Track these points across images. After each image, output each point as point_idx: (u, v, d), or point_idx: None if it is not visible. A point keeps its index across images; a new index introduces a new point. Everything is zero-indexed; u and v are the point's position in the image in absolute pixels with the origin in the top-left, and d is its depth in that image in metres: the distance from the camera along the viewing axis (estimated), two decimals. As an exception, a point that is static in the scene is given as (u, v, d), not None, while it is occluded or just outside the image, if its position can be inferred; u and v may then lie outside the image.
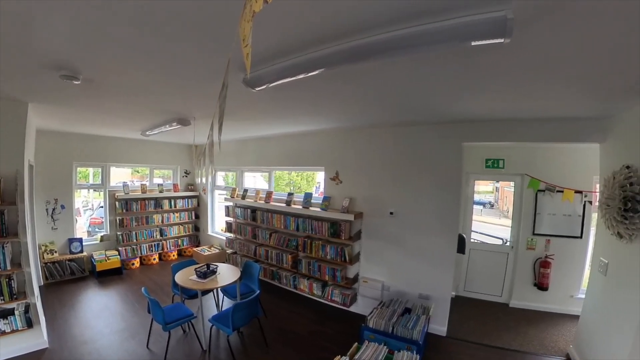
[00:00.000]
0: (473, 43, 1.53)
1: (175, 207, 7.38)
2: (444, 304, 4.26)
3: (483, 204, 13.09)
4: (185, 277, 4.07)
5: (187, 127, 4.45)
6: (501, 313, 5.06)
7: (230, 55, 1.30)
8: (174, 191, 7.50)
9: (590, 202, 4.90)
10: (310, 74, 2.07)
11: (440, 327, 4.28)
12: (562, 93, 2.79)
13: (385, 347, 3.05)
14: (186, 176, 7.98)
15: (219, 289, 4.31)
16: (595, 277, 3.84)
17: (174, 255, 7.31)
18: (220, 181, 7.91)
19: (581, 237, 4.99)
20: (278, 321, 4.50)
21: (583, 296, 4.26)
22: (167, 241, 7.21)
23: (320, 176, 5.77)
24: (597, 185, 4.13)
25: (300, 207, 5.14)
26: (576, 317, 4.34)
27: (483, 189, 12.42)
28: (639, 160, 3.06)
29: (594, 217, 4.58)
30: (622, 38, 1.66)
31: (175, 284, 4.19)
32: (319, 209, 4.91)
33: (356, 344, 3.07)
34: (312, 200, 5.14)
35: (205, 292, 4.19)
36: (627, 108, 3.16)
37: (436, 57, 2.01)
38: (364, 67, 2.19)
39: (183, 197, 7.61)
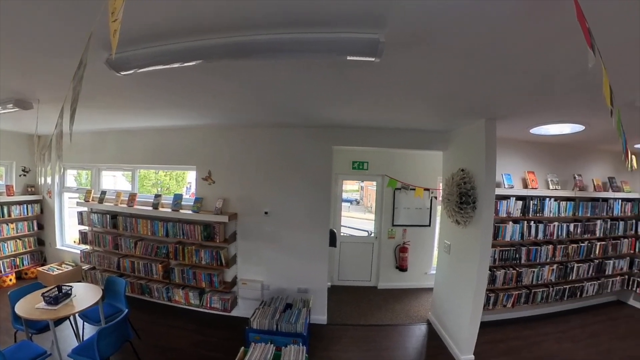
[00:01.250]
0: (349, 57, 1.71)
1: (9, 215, 5.78)
2: (322, 294, 4.51)
3: (350, 202, 14.31)
4: (30, 305, 3.28)
5: (28, 111, 3.40)
6: (372, 295, 5.62)
7: (93, 28, 1.02)
8: (8, 195, 5.83)
9: (436, 197, 5.92)
10: (186, 64, 1.86)
11: (320, 316, 4.51)
12: (418, 110, 3.27)
13: (272, 345, 3.05)
14: (25, 175, 6.33)
15: (76, 315, 3.57)
16: (442, 256, 4.58)
17: (11, 280, 5.70)
18: (71, 181, 6.63)
19: (429, 225, 6.04)
20: (155, 340, 4.02)
21: (434, 272, 5.05)
22: (1, 262, 5.66)
23: (191, 176, 5.35)
24: (441, 184, 4.95)
25: (170, 210, 4.68)
26: (430, 289, 5.13)
27: (350, 187, 13.51)
28: (470, 164, 3.82)
29: (439, 209, 5.42)
30: (465, 71, 2.10)
31: (16, 317, 3.29)
32: (190, 212, 4.56)
33: (243, 348, 3.00)
34: (182, 202, 4.71)
35: (59, 321, 3.45)
36: (463, 125, 3.92)
37: (316, 65, 2.09)
38: (244, 65, 2.10)
39: (20, 203, 5.99)
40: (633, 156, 1.73)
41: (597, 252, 5.29)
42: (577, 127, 3.69)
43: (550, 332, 4.55)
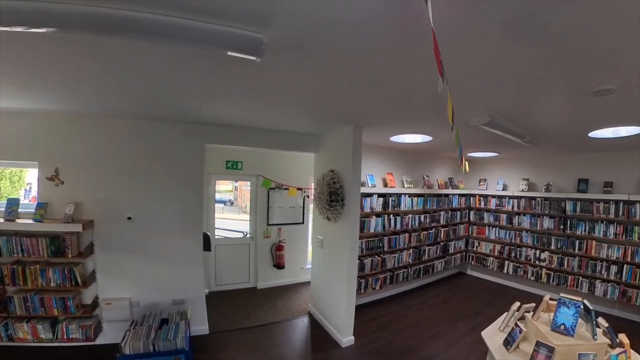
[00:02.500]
0: (229, 53, 1.63)
1: None
2: (200, 303, 4.26)
3: (224, 202, 13.78)
4: None
5: None
6: (252, 296, 5.62)
7: None
8: None
9: (308, 196, 6.31)
10: (34, 30, 1.44)
11: (201, 326, 4.26)
12: (294, 113, 3.39)
13: (151, 368, 2.78)
14: None
15: None
16: (316, 250, 4.89)
17: None
18: None
19: (303, 222, 6.40)
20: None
21: (310, 266, 5.41)
22: None
23: (32, 175, 4.43)
24: (312, 184, 5.33)
25: (2, 220, 3.73)
26: (308, 283, 5.48)
27: (223, 188, 13.16)
28: (339, 166, 4.20)
29: (311, 207, 5.77)
30: (339, 82, 2.30)
31: None
32: (31, 221, 3.67)
33: (116, 379, 2.62)
34: (20, 209, 3.76)
35: None
36: (334, 129, 4.25)
37: (193, 57, 1.92)
38: (110, 43, 1.76)
39: None
40: (466, 162, 2.21)
41: (442, 236, 6.56)
42: (427, 138, 4.54)
43: (413, 305, 5.42)
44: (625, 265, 4.87)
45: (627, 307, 4.95)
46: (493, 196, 6.82)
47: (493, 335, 2.67)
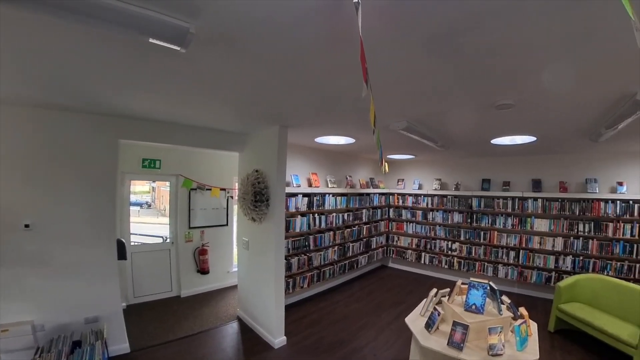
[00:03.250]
0: (151, 40, 1.51)
1: None
2: (117, 319, 3.82)
3: (140, 205, 12.70)
4: None
5: None
6: (176, 305, 5.30)
7: None
8: None
9: (232, 197, 6.17)
10: None
11: (121, 345, 3.84)
12: (218, 110, 3.28)
13: (66, 400, 2.44)
14: None
15: None
16: (241, 252, 4.84)
17: None
18: None
19: (227, 224, 6.26)
20: None
21: (236, 269, 5.33)
22: None
23: None
24: (236, 184, 5.26)
25: None
26: (235, 286, 5.40)
27: (139, 189, 12.22)
28: (264, 165, 4.20)
29: (235, 208, 5.73)
30: (267, 81, 2.30)
31: None
32: None
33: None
34: None
35: None
36: (259, 129, 4.24)
37: (109, 40, 1.71)
38: (10, 15, 1.45)
39: None
40: (386, 163, 2.41)
41: (364, 233, 6.94)
42: (350, 140, 4.78)
43: (341, 300, 5.65)
44: (521, 251, 5.85)
45: (524, 285, 5.94)
46: (410, 195, 7.48)
47: (415, 320, 2.94)
